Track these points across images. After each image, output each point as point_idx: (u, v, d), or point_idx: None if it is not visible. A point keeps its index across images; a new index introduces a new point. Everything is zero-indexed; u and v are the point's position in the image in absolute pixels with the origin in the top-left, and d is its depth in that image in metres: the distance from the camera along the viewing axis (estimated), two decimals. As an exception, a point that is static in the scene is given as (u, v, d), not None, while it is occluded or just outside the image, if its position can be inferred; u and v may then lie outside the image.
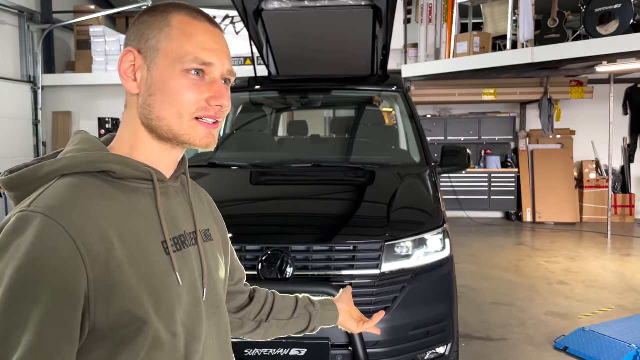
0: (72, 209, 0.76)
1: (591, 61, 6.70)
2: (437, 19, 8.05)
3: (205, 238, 0.99)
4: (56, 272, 0.71)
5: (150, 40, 0.87)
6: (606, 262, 6.20)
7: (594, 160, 8.90)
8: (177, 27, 0.87)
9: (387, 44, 4.57)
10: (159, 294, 0.81)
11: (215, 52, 0.88)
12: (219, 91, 0.88)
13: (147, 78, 0.87)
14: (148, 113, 0.87)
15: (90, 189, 0.80)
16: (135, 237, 0.81)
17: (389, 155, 3.59)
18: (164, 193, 0.91)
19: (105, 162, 0.83)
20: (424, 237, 2.55)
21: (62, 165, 0.81)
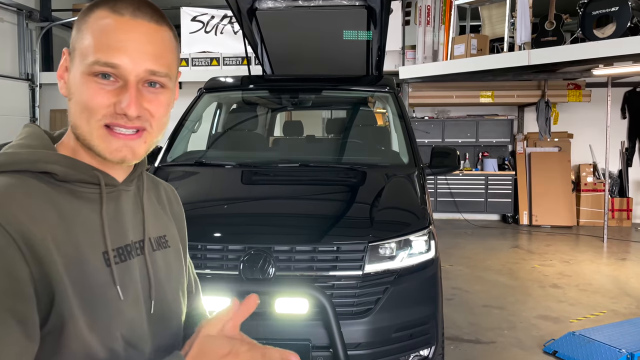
0: (9, 207, 0.70)
1: (588, 64, 6.69)
2: (435, 20, 8.05)
3: (157, 246, 0.91)
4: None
5: (73, 39, 0.80)
6: (601, 266, 6.17)
7: (591, 164, 8.87)
8: (90, 24, 0.78)
9: (382, 45, 4.56)
10: (94, 308, 0.75)
11: (124, 51, 0.76)
12: (125, 97, 0.77)
13: (68, 80, 0.81)
14: (70, 119, 0.81)
15: (28, 189, 0.74)
16: (73, 246, 0.74)
17: (378, 156, 3.57)
18: (113, 198, 0.84)
19: (47, 162, 0.76)
20: (409, 238, 2.54)
21: (0, 162, 0.75)
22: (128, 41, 0.77)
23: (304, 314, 2.30)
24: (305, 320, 2.30)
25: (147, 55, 0.78)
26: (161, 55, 0.80)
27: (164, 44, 0.81)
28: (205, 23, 8.59)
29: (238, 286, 2.28)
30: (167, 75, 0.81)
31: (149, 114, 0.80)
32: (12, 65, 8.50)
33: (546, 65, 6.55)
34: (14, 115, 8.38)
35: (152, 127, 0.81)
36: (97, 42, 0.77)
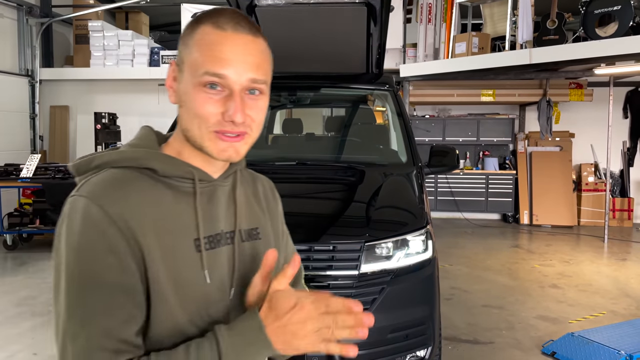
0: (110, 194, 0.83)
1: (590, 63, 6.65)
2: (436, 18, 8.01)
3: (248, 237, 0.99)
4: (101, 238, 0.80)
5: (180, 53, 0.90)
6: (601, 266, 6.14)
7: (592, 164, 8.84)
8: (197, 39, 0.87)
9: (382, 43, 4.53)
10: (184, 290, 0.85)
11: (230, 63, 0.84)
12: (232, 106, 0.85)
13: (178, 90, 0.90)
14: (182, 124, 0.91)
15: (131, 181, 0.86)
16: (168, 232, 0.85)
17: (376, 155, 3.55)
18: (208, 192, 0.93)
19: (147, 160, 0.88)
20: (406, 237, 2.51)
21: (109, 159, 0.89)
22: (232, 53, 0.85)
23: (299, 313, 2.28)
24: (300, 320, 2.28)
25: (249, 65, 0.86)
26: (260, 64, 0.88)
27: (262, 54, 0.89)
28: (206, 20, 8.54)
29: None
30: (265, 83, 0.90)
31: (250, 119, 0.88)
32: (12, 61, 8.48)
33: (548, 64, 6.51)
34: (13, 111, 8.36)
35: (252, 130, 0.90)
36: (205, 56, 0.85)
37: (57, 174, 6.74)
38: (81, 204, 0.82)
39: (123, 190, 0.84)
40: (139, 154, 0.89)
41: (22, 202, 7.01)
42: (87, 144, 8.51)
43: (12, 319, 4.23)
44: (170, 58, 8.55)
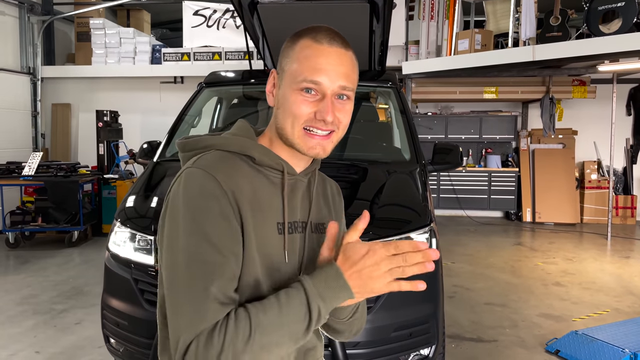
0: (222, 170, 0.98)
1: (593, 60, 6.61)
2: (439, 15, 7.97)
3: (316, 230, 1.11)
4: (216, 204, 0.94)
5: (282, 63, 1.05)
6: (605, 264, 6.12)
7: (595, 161, 8.81)
8: (298, 51, 1.01)
9: (384, 40, 4.50)
10: (269, 264, 0.99)
11: (324, 72, 0.99)
12: (324, 107, 0.99)
13: (277, 95, 1.05)
14: (277, 123, 1.05)
15: (235, 163, 1.01)
16: (260, 211, 0.99)
17: (379, 152, 3.53)
18: (291, 184, 1.07)
19: (249, 148, 1.03)
20: (410, 236, 2.50)
21: (217, 142, 1.04)
22: (327, 64, 1.00)
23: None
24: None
25: (340, 74, 1.01)
26: (349, 74, 1.02)
27: (352, 64, 1.04)
28: (207, 17, 8.53)
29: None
30: (352, 90, 1.04)
31: (338, 120, 1.02)
32: (14, 59, 8.48)
33: (551, 61, 6.48)
34: (15, 109, 8.36)
35: (338, 129, 1.04)
36: (304, 66, 1.00)
37: (59, 172, 6.73)
38: (199, 174, 0.96)
39: (232, 169, 0.99)
40: (243, 142, 1.03)
41: (24, 200, 7.01)
42: (89, 141, 8.50)
43: (14, 318, 4.23)
44: (171, 56, 8.53)
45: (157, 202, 2.64)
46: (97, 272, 5.48)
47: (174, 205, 0.96)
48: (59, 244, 6.82)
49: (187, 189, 0.95)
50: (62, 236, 6.96)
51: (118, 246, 2.55)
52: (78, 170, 7.11)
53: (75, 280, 5.26)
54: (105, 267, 2.60)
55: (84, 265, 5.87)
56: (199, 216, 0.92)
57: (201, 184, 0.95)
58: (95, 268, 5.68)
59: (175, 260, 0.92)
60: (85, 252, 6.54)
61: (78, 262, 6.04)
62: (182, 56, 8.52)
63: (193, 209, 0.93)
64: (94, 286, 5.01)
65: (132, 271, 2.45)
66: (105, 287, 2.58)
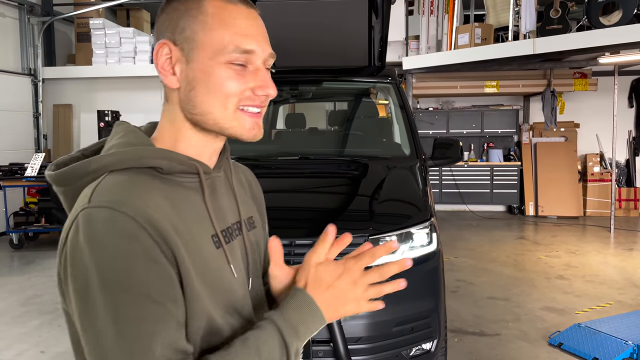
0: (130, 198, 0.74)
1: (594, 52, 6.59)
2: (438, 10, 7.95)
3: (249, 227, 0.97)
4: (136, 246, 0.72)
5: (186, 31, 0.82)
6: (608, 256, 6.11)
7: (598, 154, 8.78)
8: (212, 14, 0.81)
9: (384, 35, 4.50)
10: (217, 289, 0.81)
11: (255, 38, 0.82)
12: (264, 80, 0.83)
13: (186, 71, 0.82)
14: (192, 108, 0.83)
15: (140, 182, 0.78)
16: (188, 231, 0.79)
17: (379, 148, 3.53)
18: (210, 185, 0.88)
19: (153, 158, 0.80)
20: (410, 231, 2.50)
21: (109, 162, 0.79)
22: (254, 28, 0.82)
23: (303, 308, 2.28)
24: (305, 314, 2.27)
25: (266, 39, 0.84)
26: (268, 38, 0.85)
27: (265, 27, 0.86)
28: (207, 16, 8.52)
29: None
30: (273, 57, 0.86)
31: (271, 95, 0.86)
32: (15, 61, 8.49)
33: (552, 54, 6.45)
34: (17, 111, 8.38)
35: (265, 107, 0.87)
36: (230, 32, 0.80)
37: (62, 173, 6.76)
38: (103, 216, 0.72)
39: (140, 192, 0.76)
40: (142, 153, 0.80)
41: (28, 201, 7.04)
42: (91, 141, 8.48)
43: (19, 318, 4.25)
44: (172, 55, 8.53)
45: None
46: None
47: (79, 267, 0.71)
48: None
49: (92, 240, 0.71)
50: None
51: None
52: (80, 170, 7.12)
53: (79, 280, 5.27)
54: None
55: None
56: (120, 267, 0.70)
57: (109, 227, 0.71)
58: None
59: (101, 334, 0.70)
60: (88, 252, 6.56)
61: (82, 262, 6.06)
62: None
63: (110, 260, 0.70)
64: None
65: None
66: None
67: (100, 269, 0.70)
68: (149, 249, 0.72)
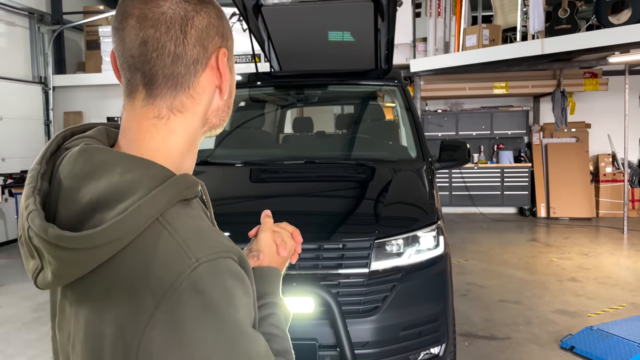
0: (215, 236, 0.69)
1: (604, 52, 6.52)
2: (446, 12, 7.92)
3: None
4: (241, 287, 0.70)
5: (230, 41, 0.82)
6: (621, 258, 6.02)
7: (610, 154, 8.68)
8: (228, 23, 0.83)
9: (390, 38, 4.49)
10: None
11: None
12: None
13: (231, 80, 0.82)
14: (226, 115, 0.84)
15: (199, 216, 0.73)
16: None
17: (385, 151, 3.51)
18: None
19: (192, 186, 0.72)
20: (416, 234, 2.48)
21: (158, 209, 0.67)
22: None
23: (310, 313, 2.27)
24: (311, 319, 2.26)
25: None
26: None
27: None
28: (215, 21, 8.58)
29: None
30: None
31: None
32: (25, 69, 8.60)
33: (561, 54, 6.39)
34: (28, 119, 8.48)
35: None
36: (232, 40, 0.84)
37: (72, 179, 6.83)
38: (227, 267, 0.67)
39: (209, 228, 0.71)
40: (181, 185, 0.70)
41: (39, 208, 7.11)
42: (101, 148, 8.60)
43: (30, 324, 4.29)
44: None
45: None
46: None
47: (221, 327, 0.65)
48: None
49: (230, 295, 0.66)
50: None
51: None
52: (91, 177, 7.19)
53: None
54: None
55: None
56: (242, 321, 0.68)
57: (234, 277, 0.68)
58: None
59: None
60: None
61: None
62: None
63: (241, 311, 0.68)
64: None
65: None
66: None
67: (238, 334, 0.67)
68: (248, 286, 0.71)
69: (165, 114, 0.76)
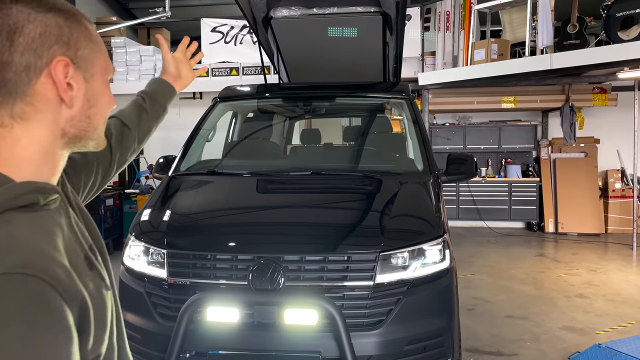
0: (24, 253, 0.65)
1: (613, 67, 6.50)
2: (454, 26, 7.95)
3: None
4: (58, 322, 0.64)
5: (82, 50, 0.81)
6: (630, 275, 5.95)
7: (619, 170, 8.62)
8: (95, 37, 0.85)
9: (398, 52, 4.51)
10: (101, 312, 0.76)
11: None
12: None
13: (86, 90, 0.81)
14: (86, 125, 0.82)
15: (25, 227, 0.69)
16: (78, 269, 0.73)
17: (392, 163, 3.52)
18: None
19: (25, 194, 0.71)
20: (422, 247, 2.48)
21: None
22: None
23: (313, 325, 2.26)
24: (315, 331, 2.26)
25: None
26: None
27: None
28: (225, 34, 8.66)
29: (247, 297, 2.26)
30: None
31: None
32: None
33: (569, 69, 6.39)
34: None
35: None
36: (105, 53, 0.87)
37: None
38: (17, 284, 0.61)
39: (27, 241, 0.67)
40: (14, 191, 0.70)
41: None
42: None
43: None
44: (190, 72, 8.69)
45: (170, 216, 2.67)
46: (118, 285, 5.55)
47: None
48: (81, 259, 6.92)
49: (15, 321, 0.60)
50: (84, 251, 7.07)
51: (132, 260, 2.58)
52: (100, 185, 7.24)
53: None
54: (119, 281, 2.64)
55: (105, 279, 5.96)
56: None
57: (25, 298, 0.61)
58: (117, 282, 5.74)
59: None
60: (106, 266, 6.63)
61: (99, 276, 6.12)
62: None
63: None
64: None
65: (145, 285, 2.48)
66: (120, 301, 2.60)
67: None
68: (61, 312, 0.64)
69: (7, 122, 0.75)
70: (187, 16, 9.68)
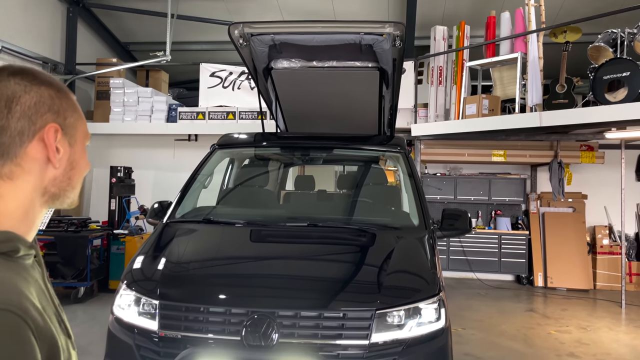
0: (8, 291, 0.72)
1: (600, 127, 6.69)
2: (447, 80, 8.19)
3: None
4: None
5: (69, 119, 0.91)
6: (620, 334, 5.93)
7: (607, 226, 8.71)
8: (78, 108, 0.94)
9: (393, 105, 4.62)
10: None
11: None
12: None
13: (70, 154, 0.91)
14: (66, 185, 0.91)
15: (5, 268, 0.76)
16: (47, 309, 0.80)
17: (387, 217, 3.54)
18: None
19: (5, 242, 0.79)
20: (418, 306, 2.46)
21: None
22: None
23: (307, 384, 2.21)
24: (308, 391, 2.21)
25: None
26: None
27: None
28: (223, 79, 8.83)
29: (239, 353, 2.21)
30: None
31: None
32: (34, 115, 8.74)
33: (558, 127, 6.56)
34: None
35: None
36: (83, 120, 0.96)
37: (70, 227, 6.79)
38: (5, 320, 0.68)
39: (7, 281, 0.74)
40: (9, 235, 0.80)
41: (33, 254, 7.02)
42: (102, 196, 8.62)
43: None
44: (187, 114, 8.78)
45: (165, 265, 2.64)
46: (102, 330, 5.39)
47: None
48: (65, 300, 6.75)
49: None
50: (68, 292, 6.91)
51: (122, 310, 2.53)
52: (89, 225, 7.16)
53: (79, 339, 5.16)
54: (108, 331, 2.57)
55: (89, 323, 5.80)
56: None
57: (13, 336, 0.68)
58: (100, 326, 5.59)
59: None
60: (90, 309, 6.47)
61: (83, 320, 5.97)
62: (197, 115, 8.76)
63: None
64: (97, 345, 4.91)
65: (135, 337, 2.42)
66: (107, 353, 2.54)
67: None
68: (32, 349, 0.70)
69: (5, 180, 0.84)
70: (186, 60, 9.88)
